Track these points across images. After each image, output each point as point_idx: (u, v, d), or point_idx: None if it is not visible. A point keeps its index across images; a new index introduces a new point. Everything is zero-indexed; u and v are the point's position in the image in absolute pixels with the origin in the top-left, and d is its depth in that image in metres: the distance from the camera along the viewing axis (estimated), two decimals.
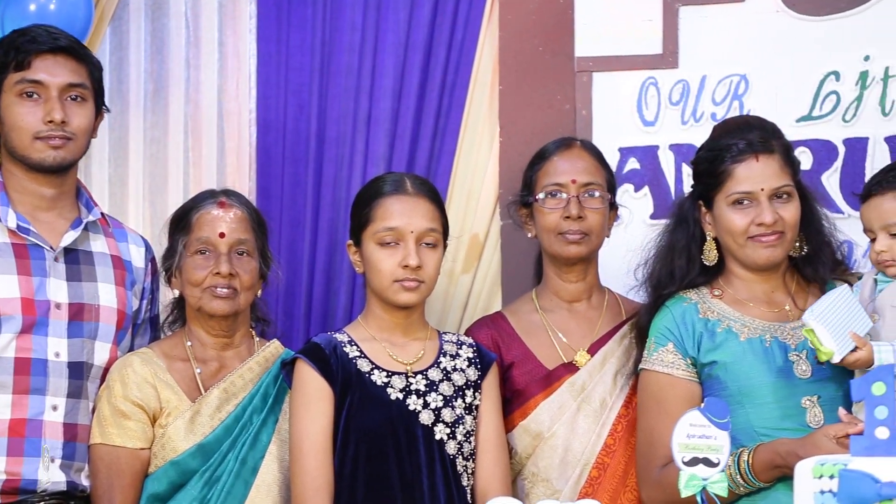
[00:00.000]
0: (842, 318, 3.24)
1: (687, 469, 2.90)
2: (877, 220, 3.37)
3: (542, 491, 3.68)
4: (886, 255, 3.35)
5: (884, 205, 3.37)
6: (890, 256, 3.35)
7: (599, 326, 3.84)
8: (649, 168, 4.38)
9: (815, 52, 4.26)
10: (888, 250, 3.35)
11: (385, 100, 4.51)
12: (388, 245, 3.59)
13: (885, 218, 3.36)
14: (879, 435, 2.63)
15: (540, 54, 4.45)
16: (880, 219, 3.37)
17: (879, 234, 3.37)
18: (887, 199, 3.37)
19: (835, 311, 3.24)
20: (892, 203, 3.36)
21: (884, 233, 3.36)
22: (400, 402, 3.55)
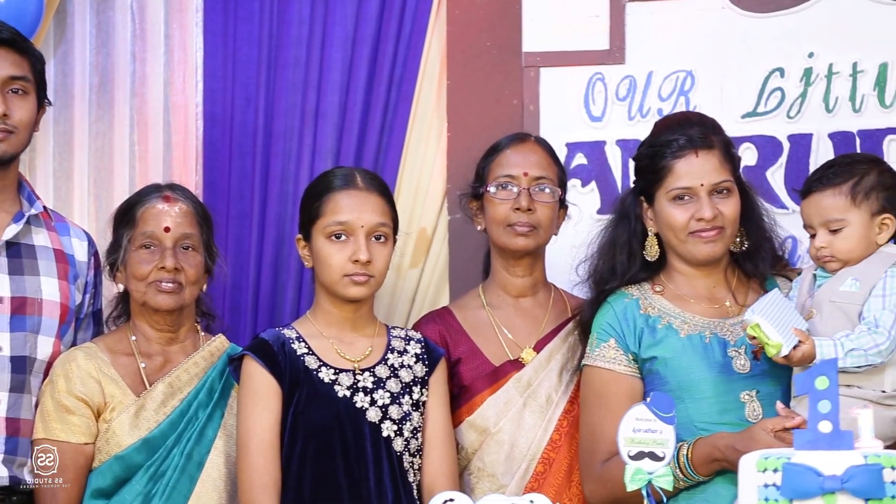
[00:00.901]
0: (782, 316, 3.26)
1: (633, 463, 2.91)
2: (816, 216, 3.39)
3: (487, 486, 3.69)
4: (826, 251, 3.37)
5: (823, 201, 3.38)
6: (829, 252, 3.37)
7: (545, 323, 3.85)
8: (596, 163, 4.40)
9: (761, 48, 4.29)
10: (827, 246, 3.37)
11: (333, 94, 4.50)
12: (338, 239, 3.58)
13: (824, 214, 3.37)
14: (822, 429, 2.64)
15: (487, 49, 4.45)
16: (820, 215, 3.38)
17: (819, 230, 3.38)
18: (827, 195, 3.38)
19: (774, 310, 3.27)
20: (831, 199, 3.37)
21: (823, 229, 3.38)
22: (347, 399, 3.55)
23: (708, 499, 3.38)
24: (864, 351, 3.20)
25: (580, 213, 4.27)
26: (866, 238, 3.36)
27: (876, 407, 3.20)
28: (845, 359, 3.20)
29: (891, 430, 3.26)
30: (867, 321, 3.25)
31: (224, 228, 4.45)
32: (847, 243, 3.35)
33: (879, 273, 3.30)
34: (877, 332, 3.22)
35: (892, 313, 3.24)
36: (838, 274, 3.36)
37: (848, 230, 3.35)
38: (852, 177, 3.37)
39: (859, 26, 4.23)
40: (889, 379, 3.27)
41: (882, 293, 3.27)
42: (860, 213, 3.35)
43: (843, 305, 3.30)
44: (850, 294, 3.30)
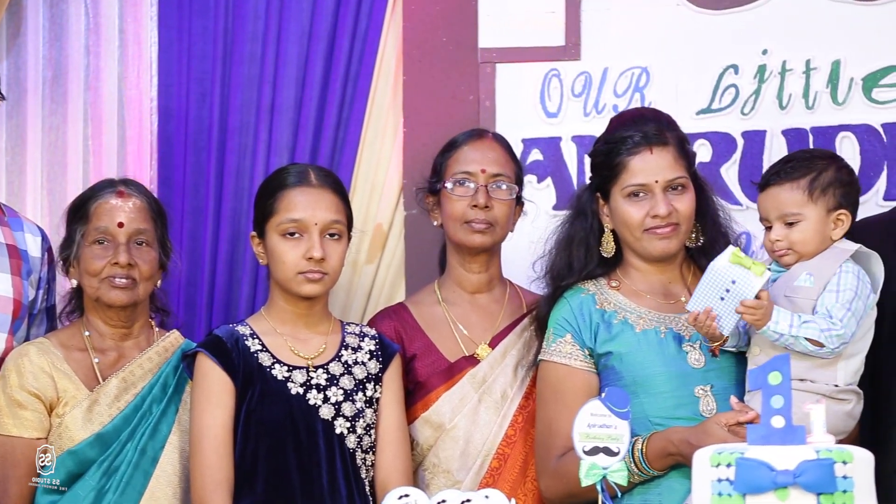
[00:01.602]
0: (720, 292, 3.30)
1: (587, 458, 2.92)
2: (773, 209, 3.41)
3: (442, 482, 3.69)
4: (781, 244, 3.39)
5: (781, 195, 3.40)
6: (784, 246, 3.39)
7: (500, 319, 3.85)
8: (552, 159, 4.41)
9: (715, 45, 4.31)
10: (783, 240, 3.39)
11: (288, 89, 4.49)
12: (292, 237, 3.58)
13: (781, 208, 3.39)
14: (775, 424, 2.66)
15: (444, 45, 4.45)
16: (777, 208, 3.40)
17: (775, 223, 3.40)
18: (785, 189, 3.40)
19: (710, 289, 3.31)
20: (789, 193, 3.39)
21: (780, 222, 3.40)
22: (300, 396, 3.54)
23: (662, 493, 3.39)
24: (817, 326, 3.23)
25: (536, 209, 4.28)
26: (821, 233, 3.38)
27: (829, 401, 3.23)
28: (800, 328, 3.23)
29: (843, 425, 3.29)
30: (821, 313, 3.27)
31: (179, 224, 4.44)
32: (802, 237, 3.37)
33: (833, 268, 3.32)
34: (831, 321, 3.24)
35: (844, 308, 3.26)
36: (793, 269, 3.38)
37: (804, 224, 3.37)
38: (810, 172, 3.39)
39: (812, 24, 4.26)
40: (841, 374, 3.30)
41: (836, 289, 3.30)
42: (817, 209, 3.37)
43: (798, 300, 3.32)
44: (805, 289, 3.33)
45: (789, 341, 3.26)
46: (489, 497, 2.87)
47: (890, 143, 4.21)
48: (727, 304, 3.30)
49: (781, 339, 3.26)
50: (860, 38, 4.23)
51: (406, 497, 2.86)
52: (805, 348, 3.24)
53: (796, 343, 3.25)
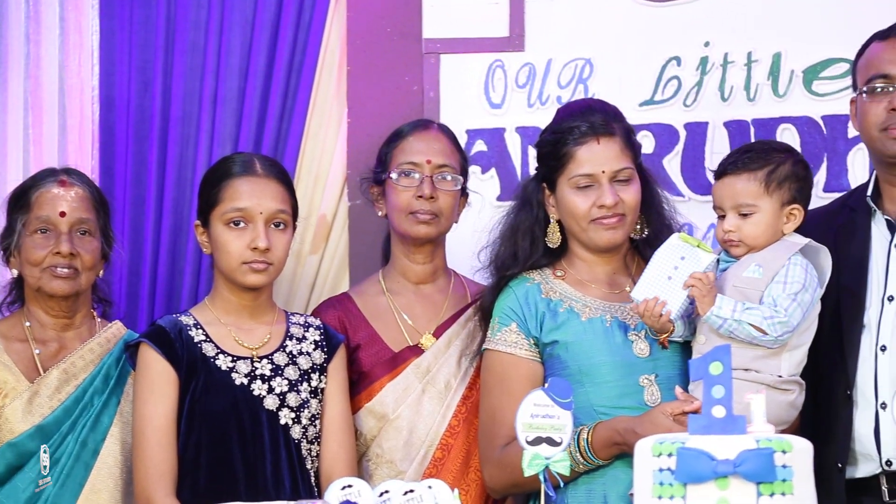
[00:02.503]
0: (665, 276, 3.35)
1: (530, 448, 2.93)
2: (729, 198, 3.42)
3: (386, 472, 3.69)
4: (734, 234, 3.40)
5: (737, 184, 3.41)
6: (737, 237, 3.40)
7: (445, 309, 3.86)
8: (496, 150, 4.41)
9: (658, 37, 4.33)
10: (736, 230, 3.40)
11: (231, 79, 4.46)
12: (237, 226, 3.56)
13: (737, 198, 3.40)
14: (716, 414, 2.67)
15: (388, 35, 4.44)
16: (732, 198, 3.41)
17: (729, 212, 3.41)
18: (742, 179, 3.41)
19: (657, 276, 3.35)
20: (745, 183, 3.40)
21: (734, 212, 3.41)
22: (244, 387, 3.53)
23: (607, 483, 3.41)
24: (760, 313, 3.25)
25: (480, 199, 4.28)
26: (774, 226, 3.40)
27: (773, 391, 3.25)
28: (742, 313, 3.25)
29: (787, 415, 3.32)
30: (767, 303, 3.30)
31: (120, 214, 4.40)
32: (755, 229, 3.39)
33: (782, 261, 3.34)
34: (775, 309, 3.27)
35: (790, 298, 3.28)
36: (742, 260, 3.40)
37: (758, 216, 3.39)
38: (768, 164, 3.40)
39: (754, 16, 4.30)
40: (786, 364, 3.32)
41: (784, 280, 3.32)
42: (771, 201, 3.39)
43: (745, 290, 3.33)
44: (753, 280, 3.34)
45: (732, 326, 3.28)
46: (432, 487, 2.88)
47: (830, 136, 4.25)
48: (675, 283, 3.33)
49: (725, 325, 3.28)
50: (801, 30, 4.27)
51: (349, 488, 2.86)
52: (748, 334, 3.27)
53: (740, 328, 3.27)
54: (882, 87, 3.49)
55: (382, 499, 2.87)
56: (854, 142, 4.19)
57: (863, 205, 3.59)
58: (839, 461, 3.43)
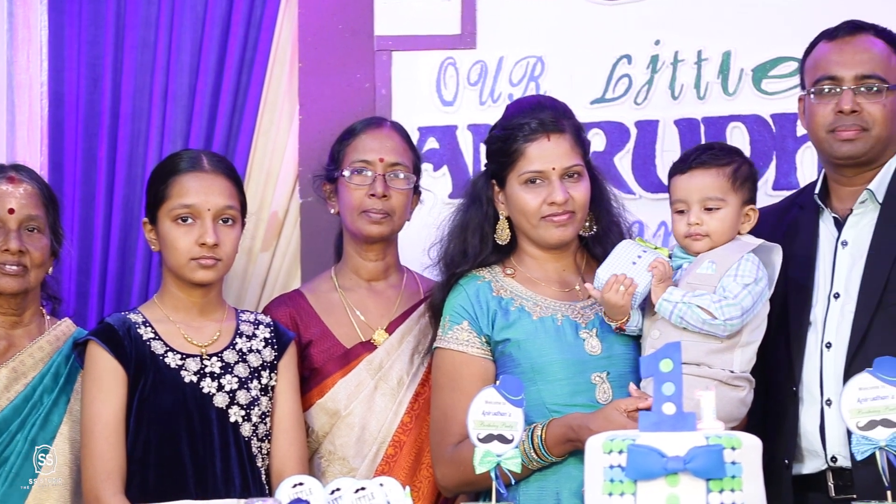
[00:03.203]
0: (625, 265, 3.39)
1: (482, 446, 2.93)
2: (697, 192, 3.43)
3: (338, 469, 3.69)
4: (699, 228, 3.41)
5: (706, 178, 3.42)
6: (702, 231, 3.42)
7: (398, 305, 3.86)
8: (448, 148, 4.42)
9: (609, 35, 4.35)
10: (702, 224, 3.42)
11: (182, 76, 4.45)
12: (185, 222, 3.55)
13: (706, 192, 3.42)
14: (666, 411, 2.68)
15: (340, 32, 4.44)
16: (701, 192, 3.42)
17: (695, 207, 3.43)
18: (712, 174, 3.43)
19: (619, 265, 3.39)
20: (716, 179, 3.42)
21: (699, 206, 3.42)
22: (194, 384, 3.52)
23: (560, 480, 3.41)
24: (709, 298, 3.28)
25: (433, 197, 4.29)
26: (735, 224, 3.43)
27: (724, 388, 3.27)
28: (692, 297, 3.28)
29: (737, 411, 3.34)
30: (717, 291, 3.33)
31: (70, 211, 4.39)
32: (721, 225, 3.41)
33: (735, 258, 3.37)
34: (724, 296, 3.30)
35: (739, 285, 3.31)
36: (697, 258, 3.42)
37: (724, 212, 3.41)
38: (733, 162, 3.44)
39: (703, 15, 4.32)
40: (737, 360, 3.34)
41: (735, 273, 3.34)
42: (737, 198, 3.42)
43: (699, 286, 3.35)
44: (706, 276, 3.36)
45: (682, 311, 3.29)
46: (384, 485, 2.87)
47: (779, 134, 4.28)
48: (639, 268, 3.35)
49: (675, 310, 3.30)
50: (750, 29, 4.30)
51: (300, 486, 2.86)
52: (698, 318, 3.28)
53: (689, 312, 3.28)
54: (830, 89, 3.51)
55: (334, 496, 2.86)
56: (802, 140, 4.23)
57: (811, 203, 3.62)
58: (786, 458, 3.46)
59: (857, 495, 3.21)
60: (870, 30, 3.56)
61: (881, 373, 2.77)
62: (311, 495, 2.84)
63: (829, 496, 3.44)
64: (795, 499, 3.47)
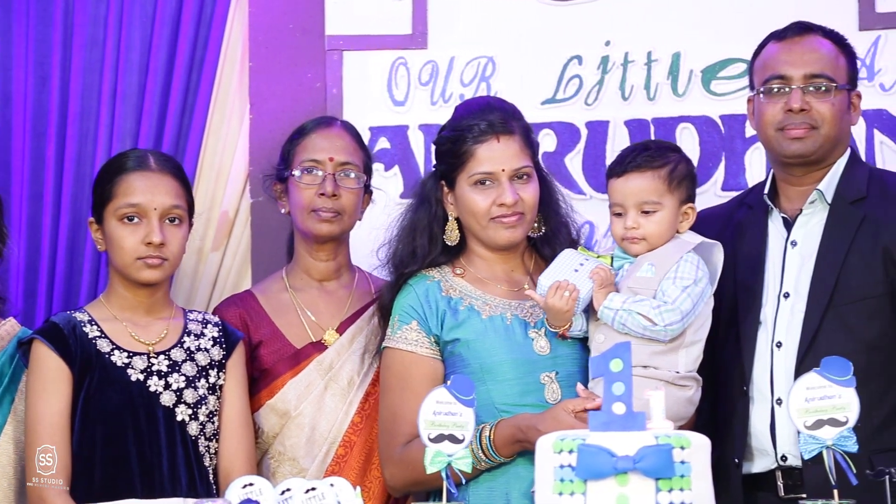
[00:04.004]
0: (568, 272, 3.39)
1: (433, 446, 2.93)
2: (632, 196, 3.43)
3: (288, 470, 3.68)
4: (636, 231, 3.42)
5: (641, 182, 3.42)
6: (640, 234, 3.42)
7: (349, 306, 3.85)
8: (399, 148, 4.42)
9: (559, 36, 4.37)
10: (638, 227, 3.42)
11: (131, 75, 4.43)
12: (131, 222, 3.54)
13: (642, 195, 3.42)
14: (616, 410, 2.69)
15: (290, 32, 4.43)
16: (636, 195, 3.42)
17: (631, 210, 3.43)
18: (647, 177, 3.42)
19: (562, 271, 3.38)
20: (651, 182, 3.42)
21: (636, 210, 3.43)
22: (140, 383, 3.50)
23: (509, 480, 3.42)
24: (649, 304, 3.29)
25: (385, 197, 4.28)
26: (673, 225, 3.43)
27: (671, 388, 3.28)
28: (632, 304, 3.29)
29: (684, 411, 3.35)
30: (657, 296, 3.33)
31: (18, 210, 4.36)
32: (658, 227, 3.41)
33: (675, 259, 3.37)
34: (664, 301, 3.31)
35: (680, 289, 3.32)
36: (637, 260, 3.42)
37: (661, 214, 3.41)
38: (668, 163, 3.43)
39: (653, 16, 4.34)
40: (682, 360, 3.35)
41: (674, 276, 3.35)
42: (673, 199, 3.42)
43: (639, 290, 3.36)
44: (646, 279, 3.37)
45: (623, 318, 3.30)
46: (334, 485, 2.87)
47: (728, 135, 4.31)
48: (581, 275, 3.35)
49: (616, 317, 3.31)
50: (699, 30, 4.32)
51: (250, 486, 2.85)
52: (639, 324, 3.29)
53: (630, 319, 3.29)
54: (779, 88, 3.54)
55: (284, 497, 2.85)
56: (751, 141, 4.25)
57: (760, 203, 3.64)
58: (736, 457, 3.47)
59: (806, 494, 3.22)
60: (818, 31, 3.59)
61: (829, 372, 2.79)
62: (262, 496, 2.84)
63: (779, 495, 3.46)
64: (745, 498, 3.48)
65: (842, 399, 2.77)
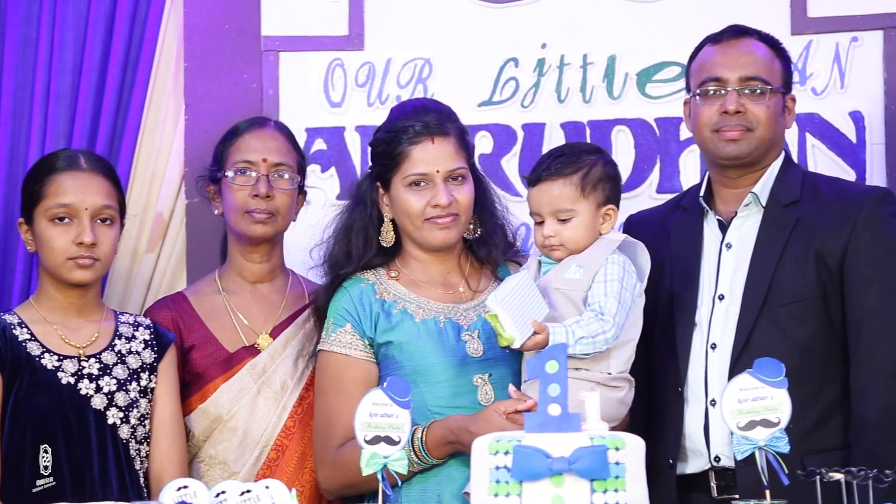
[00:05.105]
0: (522, 304, 3.29)
1: (368, 448, 2.92)
2: (546, 205, 3.43)
3: (218, 473, 3.66)
4: (554, 239, 3.42)
5: (554, 191, 3.42)
6: (557, 241, 3.42)
7: (282, 309, 3.84)
8: (336, 149, 4.42)
9: (496, 38, 4.38)
10: (556, 235, 3.42)
11: (65, 74, 4.39)
12: (62, 222, 3.51)
13: (554, 204, 3.42)
14: (552, 412, 2.70)
15: (226, 32, 4.41)
16: (550, 204, 3.43)
17: (548, 218, 3.43)
18: (557, 185, 3.42)
19: (516, 297, 3.29)
20: (562, 190, 3.42)
21: (552, 218, 3.43)
22: (71, 386, 3.47)
23: (441, 482, 3.42)
24: (591, 338, 3.28)
25: (323, 198, 4.28)
26: (592, 229, 3.43)
27: (603, 389, 3.29)
28: (575, 346, 3.26)
29: (616, 412, 3.36)
30: (592, 308, 3.32)
31: None
32: (575, 233, 3.41)
33: (601, 260, 3.37)
34: (602, 319, 3.29)
35: (615, 300, 3.31)
36: (564, 262, 3.42)
37: (576, 220, 3.41)
38: (581, 168, 3.42)
39: (589, 19, 4.36)
40: (614, 362, 3.36)
41: (604, 279, 3.35)
42: (588, 204, 3.42)
43: (568, 292, 3.36)
44: (575, 281, 3.37)
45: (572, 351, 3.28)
46: (269, 487, 2.86)
47: (662, 137, 4.33)
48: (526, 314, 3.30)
49: None
50: (634, 34, 4.35)
51: (185, 489, 2.83)
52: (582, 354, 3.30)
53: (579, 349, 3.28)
54: (714, 90, 3.56)
55: (219, 499, 2.84)
56: (686, 144, 4.28)
57: (695, 205, 3.66)
58: (670, 457, 3.49)
59: (739, 495, 3.24)
60: (753, 34, 3.62)
61: (761, 374, 2.81)
62: (196, 498, 2.82)
63: (712, 496, 3.48)
64: (679, 499, 3.50)
65: (774, 400, 2.79)
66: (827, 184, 3.64)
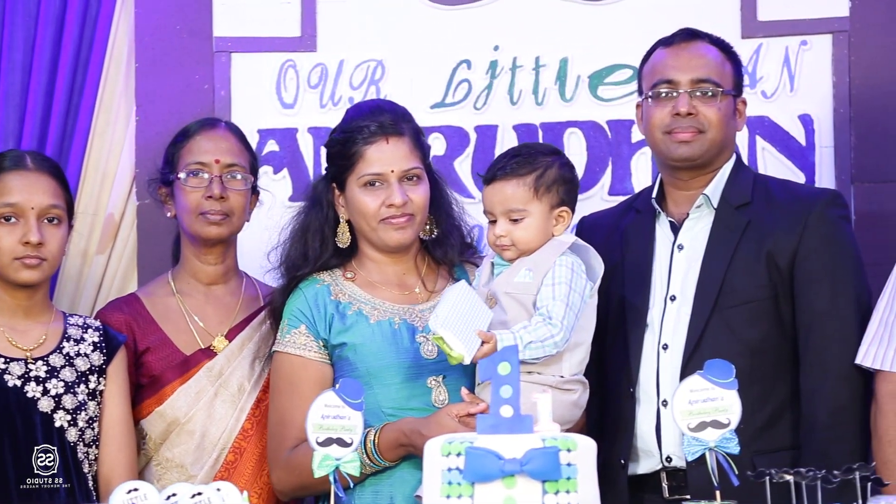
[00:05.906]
0: (465, 316, 3.27)
1: (321, 449, 2.92)
2: (499, 204, 3.43)
3: (175, 476, 3.64)
4: (505, 239, 3.41)
5: (507, 190, 3.42)
6: (508, 241, 3.41)
7: (237, 311, 3.82)
8: (288, 150, 4.41)
9: (449, 40, 4.38)
10: (507, 235, 3.41)
11: (14, 74, 4.36)
12: (8, 222, 3.49)
13: (507, 204, 3.42)
14: (504, 413, 2.70)
15: (178, 33, 4.39)
16: (502, 204, 3.42)
17: (500, 218, 3.42)
18: (511, 185, 3.42)
19: (458, 311, 3.26)
20: (515, 190, 3.42)
21: (504, 217, 3.42)
22: (18, 389, 3.45)
23: (394, 484, 3.42)
24: (541, 343, 3.27)
25: (273, 199, 4.27)
26: (544, 230, 3.42)
27: (556, 392, 3.29)
28: (524, 351, 3.24)
29: (570, 414, 3.36)
30: (541, 312, 3.30)
31: None
32: (527, 234, 3.41)
33: (550, 262, 3.37)
34: (551, 323, 3.27)
35: (562, 303, 3.30)
36: (514, 265, 3.41)
37: (528, 221, 3.41)
38: (535, 169, 3.42)
39: (541, 22, 4.37)
40: (566, 365, 3.36)
41: (551, 282, 3.33)
42: (541, 206, 3.42)
43: (518, 296, 3.35)
44: (524, 284, 3.36)
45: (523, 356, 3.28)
46: (221, 490, 2.85)
47: (614, 140, 4.35)
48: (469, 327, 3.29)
49: None
50: (587, 37, 4.36)
51: (135, 492, 2.81)
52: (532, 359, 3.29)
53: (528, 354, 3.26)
54: (666, 93, 3.58)
55: (170, 502, 2.82)
56: (637, 146, 4.30)
57: (648, 207, 3.67)
58: (622, 457, 3.51)
59: (690, 495, 3.26)
60: (705, 37, 3.64)
61: (712, 375, 2.83)
62: (146, 500, 2.80)
63: (664, 496, 3.50)
64: (631, 499, 3.51)
65: (724, 401, 2.81)
66: (778, 186, 3.67)
